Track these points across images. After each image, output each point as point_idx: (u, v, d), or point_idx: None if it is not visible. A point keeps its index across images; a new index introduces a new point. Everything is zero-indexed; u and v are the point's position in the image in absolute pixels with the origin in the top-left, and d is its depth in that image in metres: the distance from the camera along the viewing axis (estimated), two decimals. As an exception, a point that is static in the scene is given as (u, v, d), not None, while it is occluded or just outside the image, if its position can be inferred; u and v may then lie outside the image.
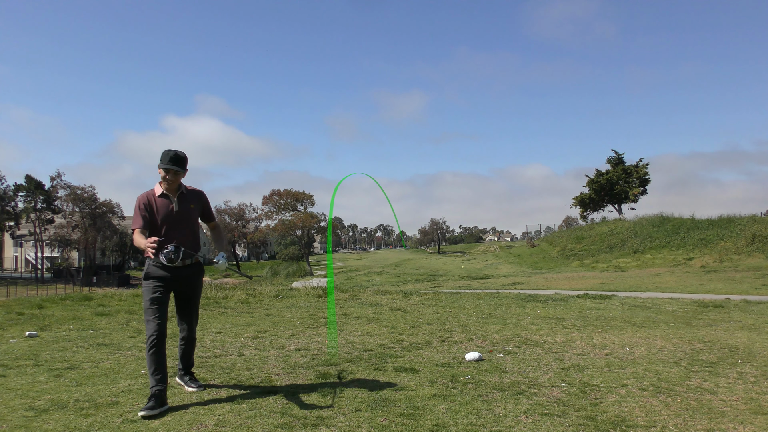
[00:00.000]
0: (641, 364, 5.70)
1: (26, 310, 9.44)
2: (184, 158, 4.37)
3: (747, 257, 27.49)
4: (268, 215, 76.19)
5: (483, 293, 14.70)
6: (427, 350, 6.41)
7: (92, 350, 6.24)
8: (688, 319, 9.29)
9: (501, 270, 41.44)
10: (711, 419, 3.91)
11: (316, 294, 12.68)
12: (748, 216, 35.88)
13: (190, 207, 4.44)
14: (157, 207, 4.36)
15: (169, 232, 4.35)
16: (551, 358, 6.01)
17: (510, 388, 4.71)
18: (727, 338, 7.23)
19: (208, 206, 4.66)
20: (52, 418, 3.81)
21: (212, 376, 5.08)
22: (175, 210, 4.37)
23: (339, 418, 3.84)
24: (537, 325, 8.48)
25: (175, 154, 4.31)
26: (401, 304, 11.39)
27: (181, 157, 4.35)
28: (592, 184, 55.13)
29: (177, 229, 4.36)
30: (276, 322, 8.72)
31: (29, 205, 65.05)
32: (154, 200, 4.37)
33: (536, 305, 11.23)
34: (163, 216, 4.34)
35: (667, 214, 41.72)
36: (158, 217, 4.34)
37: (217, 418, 3.83)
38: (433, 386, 4.73)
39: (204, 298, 11.35)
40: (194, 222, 4.51)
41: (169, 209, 4.37)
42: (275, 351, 6.33)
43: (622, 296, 13.61)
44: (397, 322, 8.80)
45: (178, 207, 4.39)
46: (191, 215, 4.46)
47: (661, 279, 21.90)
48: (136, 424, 3.75)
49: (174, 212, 4.37)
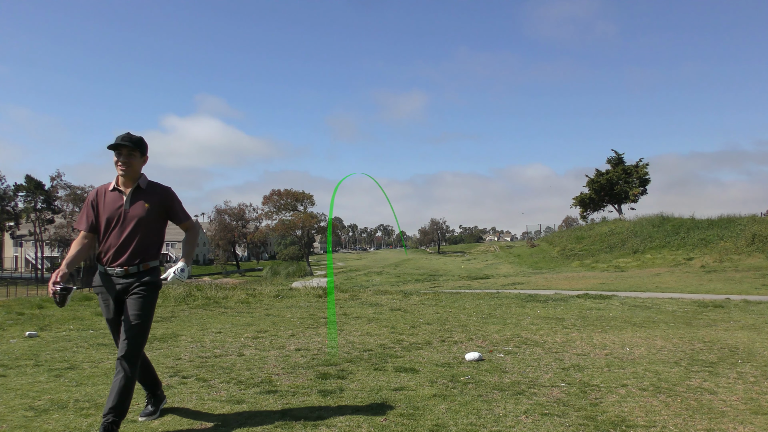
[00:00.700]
0: (641, 364, 5.70)
1: (26, 310, 9.44)
2: (139, 138, 3.65)
3: (747, 257, 27.49)
4: (268, 215, 76.26)
5: (483, 293, 14.70)
6: (427, 350, 6.41)
7: (92, 350, 6.24)
8: (688, 319, 9.29)
9: (501, 270, 41.43)
10: (711, 419, 3.91)
11: (316, 294, 12.68)
12: (748, 216, 35.88)
13: (144, 206, 3.64)
14: (104, 203, 3.65)
15: (112, 236, 3.61)
16: (551, 358, 6.01)
17: (510, 388, 4.71)
18: (727, 338, 7.23)
19: (173, 205, 3.79)
20: (52, 418, 3.81)
21: (212, 376, 5.08)
22: (125, 209, 3.62)
23: (339, 418, 3.84)
24: (537, 325, 8.48)
25: (127, 132, 3.63)
26: (401, 304, 11.39)
27: (134, 136, 3.63)
28: (592, 184, 55.11)
29: (124, 233, 3.59)
30: (276, 322, 8.71)
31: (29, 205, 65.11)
32: (103, 195, 3.68)
33: (536, 305, 11.23)
34: (109, 215, 3.61)
35: (667, 214, 41.71)
36: (102, 216, 3.62)
37: (217, 418, 3.83)
38: (433, 386, 4.73)
39: (204, 298, 11.34)
40: (150, 225, 3.66)
41: (117, 207, 3.62)
42: (275, 351, 6.33)
43: (622, 296, 13.61)
44: (397, 322, 8.80)
45: (130, 205, 3.62)
46: (146, 216, 3.63)
47: (661, 279, 21.90)
48: (136, 424, 3.75)
49: (123, 211, 3.61)
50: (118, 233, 3.59)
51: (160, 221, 3.75)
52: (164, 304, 10.58)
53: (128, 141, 3.58)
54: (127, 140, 3.58)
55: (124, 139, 3.57)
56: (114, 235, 3.60)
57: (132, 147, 3.59)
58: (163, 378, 4.97)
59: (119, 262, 3.58)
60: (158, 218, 3.72)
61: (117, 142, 3.55)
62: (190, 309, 10.10)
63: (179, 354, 6.09)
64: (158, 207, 3.70)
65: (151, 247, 3.69)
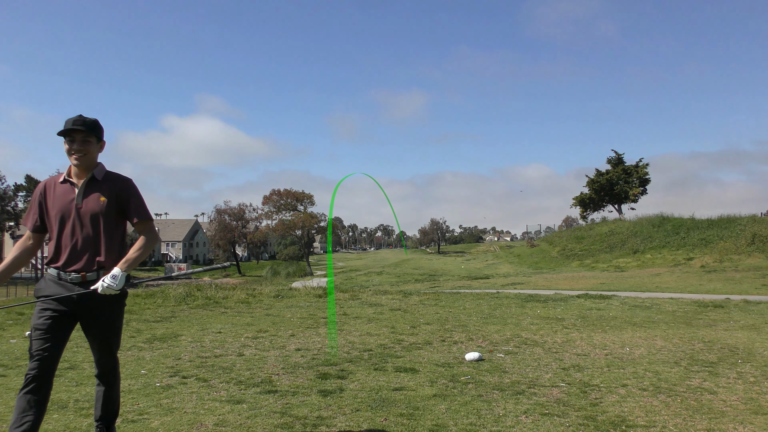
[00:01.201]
0: (641, 364, 5.70)
1: (26, 310, 9.44)
2: (94, 121, 3.14)
3: (747, 257, 27.47)
4: (268, 215, 76.16)
5: (483, 293, 14.70)
6: (427, 350, 6.41)
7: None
8: (688, 319, 9.29)
9: (501, 270, 41.43)
10: (711, 419, 3.91)
11: (316, 294, 12.68)
12: (748, 216, 35.86)
13: (100, 200, 3.12)
14: (53, 198, 3.14)
15: (65, 237, 3.10)
16: (551, 358, 6.01)
17: (510, 388, 4.71)
18: (727, 338, 7.23)
19: (130, 199, 3.23)
20: (52, 418, 3.81)
21: (212, 376, 5.08)
22: (76, 203, 3.10)
23: (339, 418, 3.84)
24: (537, 325, 8.48)
25: (79, 115, 3.11)
26: (401, 304, 11.39)
27: (88, 119, 3.12)
28: (592, 184, 55.13)
29: (78, 233, 3.08)
30: (276, 322, 8.71)
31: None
32: (52, 189, 3.17)
33: (536, 305, 11.23)
34: (60, 211, 3.10)
35: (667, 214, 41.69)
36: (51, 212, 3.13)
37: (217, 418, 3.83)
38: (433, 386, 4.73)
39: (204, 298, 11.34)
40: (109, 222, 3.15)
41: (68, 202, 3.11)
42: (275, 351, 6.33)
43: (622, 296, 13.61)
44: (397, 322, 8.80)
45: (83, 199, 3.11)
46: (103, 212, 3.12)
47: (661, 279, 21.89)
48: (136, 424, 3.75)
49: (75, 206, 3.10)
50: (71, 233, 3.09)
51: (121, 218, 3.25)
52: (164, 304, 10.58)
53: (82, 125, 3.07)
54: (81, 124, 3.06)
55: (76, 123, 3.06)
56: (67, 235, 3.09)
57: (87, 132, 3.08)
58: (163, 378, 4.97)
59: (75, 268, 3.06)
60: (118, 215, 3.21)
61: (69, 127, 3.05)
62: (190, 309, 10.10)
63: (179, 354, 6.09)
64: (114, 201, 3.18)
65: (112, 249, 3.16)
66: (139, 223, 3.23)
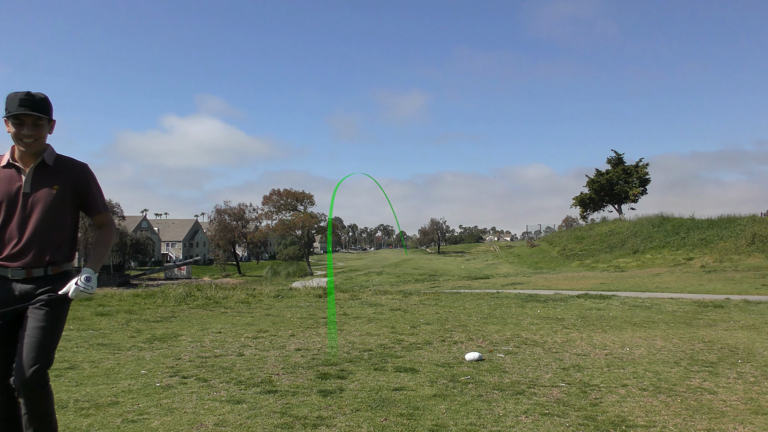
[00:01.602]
0: (641, 364, 5.70)
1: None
2: (44, 99, 2.78)
3: (747, 257, 27.48)
4: (268, 215, 76.16)
5: (483, 293, 14.70)
6: (427, 350, 6.41)
7: (92, 350, 6.23)
8: (688, 319, 9.30)
9: (501, 270, 41.43)
10: (711, 419, 3.91)
11: (316, 294, 12.67)
12: (748, 216, 35.85)
13: (51, 188, 2.81)
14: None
15: (9, 229, 2.77)
16: (551, 358, 6.01)
17: (510, 388, 4.71)
18: (727, 338, 7.23)
19: (89, 188, 2.94)
20: (52, 418, 3.81)
21: (212, 376, 5.08)
22: (24, 191, 2.78)
23: (339, 418, 3.84)
24: (537, 325, 8.49)
25: (27, 93, 2.73)
26: (401, 304, 11.39)
27: (38, 98, 2.75)
28: (592, 184, 55.12)
29: (24, 224, 2.77)
30: (276, 322, 8.72)
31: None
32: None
33: (536, 305, 11.23)
34: (3, 200, 2.77)
35: (667, 214, 41.69)
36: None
37: (217, 418, 3.83)
38: (433, 386, 4.73)
39: (204, 298, 11.33)
40: (60, 213, 2.83)
41: (14, 189, 2.78)
42: (275, 351, 6.33)
43: (622, 296, 13.61)
44: (397, 322, 8.80)
45: (31, 186, 2.79)
46: (53, 202, 2.80)
47: (661, 279, 21.89)
48: (136, 424, 3.75)
49: (22, 194, 2.78)
50: (17, 224, 2.76)
51: (75, 209, 2.93)
52: (164, 304, 10.58)
53: (32, 107, 2.71)
54: (30, 105, 2.70)
55: (25, 104, 2.69)
56: (12, 227, 2.76)
57: (39, 115, 2.74)
58: (163, 378, 4.97)
59: (20, 263, 2.76)
60: (72, 205, 2.90)
61: (19, 111, 2.68)
62: (190, 309, 10.10)
63: (179, 354, 6.09)
64: (70, 190, 2.86)
65: (63, 244, 2.87)
66: (99, 216, 2.98)
